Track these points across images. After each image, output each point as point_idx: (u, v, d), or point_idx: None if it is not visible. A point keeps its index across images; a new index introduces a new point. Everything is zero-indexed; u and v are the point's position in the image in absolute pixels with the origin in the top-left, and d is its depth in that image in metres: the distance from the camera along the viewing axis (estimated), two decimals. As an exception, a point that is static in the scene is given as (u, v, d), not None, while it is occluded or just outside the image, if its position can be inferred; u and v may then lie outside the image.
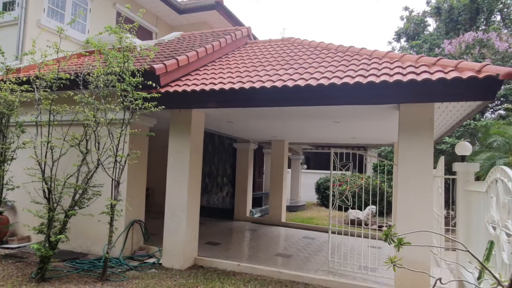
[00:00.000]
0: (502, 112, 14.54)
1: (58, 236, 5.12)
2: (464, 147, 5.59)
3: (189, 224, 6.17)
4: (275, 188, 11.54)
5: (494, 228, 3.90)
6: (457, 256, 5.54)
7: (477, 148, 12.07)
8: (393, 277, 5.06)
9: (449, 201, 10.04)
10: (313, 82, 4.91)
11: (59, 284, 5.01)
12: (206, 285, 5.24)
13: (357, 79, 4.75)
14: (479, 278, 2.58)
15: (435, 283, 2.13)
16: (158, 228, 6.34)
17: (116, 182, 5.50)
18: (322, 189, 16.69)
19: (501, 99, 13.80)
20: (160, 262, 6.22)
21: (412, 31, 18.94)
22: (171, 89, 5.83)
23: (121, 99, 5.48)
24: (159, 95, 5.59)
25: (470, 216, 5.23)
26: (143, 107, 5.47)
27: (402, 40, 19.75)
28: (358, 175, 14.67)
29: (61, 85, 5.69)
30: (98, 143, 5.49)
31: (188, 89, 5.71)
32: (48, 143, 5.48)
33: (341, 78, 4.88)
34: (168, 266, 6.08)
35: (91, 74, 5.48)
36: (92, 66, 5.98)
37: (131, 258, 6.42)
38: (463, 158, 5.62)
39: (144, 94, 5.49)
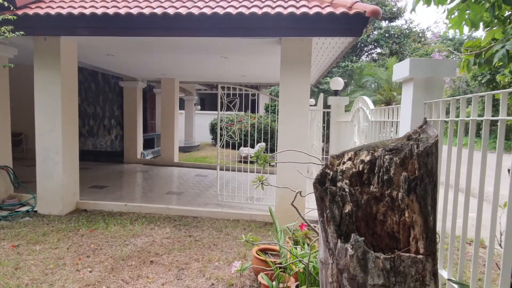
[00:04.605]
0: (375, 56, 16.21)
1: None
2: (336, 82, 6.10)
3: (66, 168, 5.68)
4: (167, 129, 11.24)
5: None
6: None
7: (353, 88, 13.41)
8: (275, 204, 5.50)
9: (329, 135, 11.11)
10: (196, 11, 4.66)
11: None
12: (89, 227, 5.01)
13: (240, 9, 4.65)
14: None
15: (295, 196, 2.34)
16: (34, 176, 5.72)
17: (-35, 122, 4.66)
18: (216, 130, 16.92)
19: (374, 43, 15.29)
20: (35, 209, 5.70)
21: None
22: (30, 11, 4.96)
23: (-38, 20, 4.47)
24: (15, 17, 4.69)
25: (339, 144, 5.87)
26: (-6, 32, 4.57)
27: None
28: (251, 115, 15.14)
29: None
30: None
31: (53, 12, 4.92)
32: None
33: (225, 8, 4.72)
34: (45, 213, 5.62)
35: None
36: None
37: (-1, 208, 5.75)
38: (336, 93, 6.14)
39: (-6, 16, 4.56)
